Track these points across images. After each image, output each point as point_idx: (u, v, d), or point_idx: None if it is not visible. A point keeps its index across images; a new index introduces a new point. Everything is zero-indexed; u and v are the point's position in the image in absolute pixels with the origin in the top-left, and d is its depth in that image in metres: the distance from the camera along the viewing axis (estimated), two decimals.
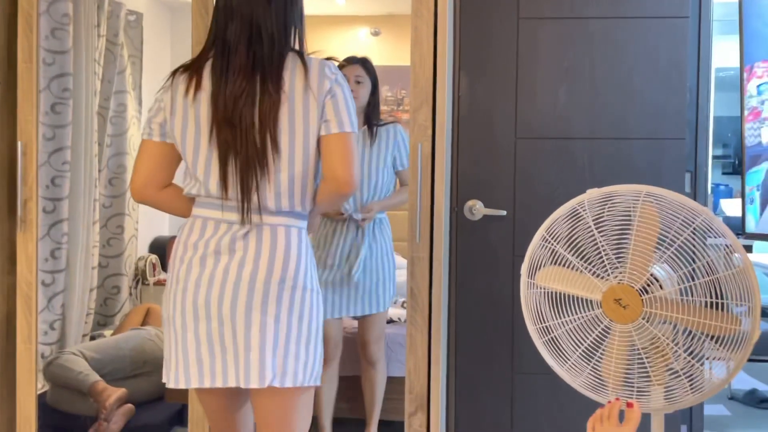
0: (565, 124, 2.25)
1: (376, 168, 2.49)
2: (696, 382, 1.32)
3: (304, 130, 1.45)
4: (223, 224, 1.47)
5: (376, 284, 2.51)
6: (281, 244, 1.46)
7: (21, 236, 2.24)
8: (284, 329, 1.44)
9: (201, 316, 1.44)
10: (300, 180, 1.47)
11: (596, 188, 1.37)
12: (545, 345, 1.42)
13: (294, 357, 1.45)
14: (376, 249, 2.50)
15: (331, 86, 1.47)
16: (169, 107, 1.50)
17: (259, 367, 1.42)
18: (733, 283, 1.27)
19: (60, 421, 2.49)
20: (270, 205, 1.46)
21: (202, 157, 1.48)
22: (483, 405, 2.31)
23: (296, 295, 1.46)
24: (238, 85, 1.44)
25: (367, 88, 2.52)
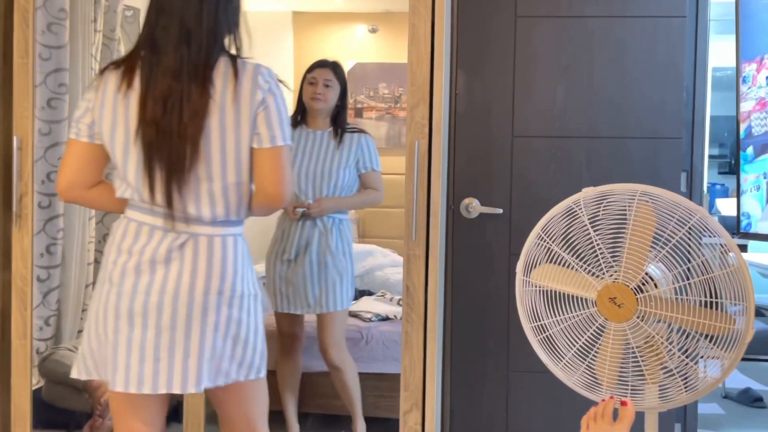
0: (562, 123, 2.25)
1: (338, 168, 2.50)
2: (690, 381, 1.33)
3: (236, 140, 1.43)
4: (157, 231, 1.46)
5: (331, 284, 2.51)
6: (218, 256, 1.46)
7: (16, 232, 2.24)
8: (222, 335, 1.47)
9: (137, 323, 1.44)
10: (235, 189, 1.46)
11: (592, 187, 1.37)
12: (540, 343, 1.43)
13: (229, 358, 1.48)
14: (333, 248, 2.51)
15: (264, 97, 1.44)
16: (98, 108, 1.47)
17: (197, 372, 1.44)
18: (727, 282, 1.27)
19: (55, 416, 2.48)
20: (204, 214, 1.45)
21: (132, 159, 1.45)
22: (478, 403, 2.32)
23: (234, 303, 1.48)
24: (166, 87, 1.41)
25: (336, 92, 2.55)
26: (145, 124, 1.42)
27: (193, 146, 1.40)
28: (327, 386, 2.67)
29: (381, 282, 3.41)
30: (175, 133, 1.40)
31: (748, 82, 2.06)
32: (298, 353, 2.64)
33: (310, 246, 2.48)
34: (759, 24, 2.08)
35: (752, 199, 2.08)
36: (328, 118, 2.56)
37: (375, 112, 4.02)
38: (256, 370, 1.54)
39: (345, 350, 2.56)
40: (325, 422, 2.82)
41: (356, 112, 3.99)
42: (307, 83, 2.56)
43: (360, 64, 3.93)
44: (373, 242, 3.80)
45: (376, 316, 2.93)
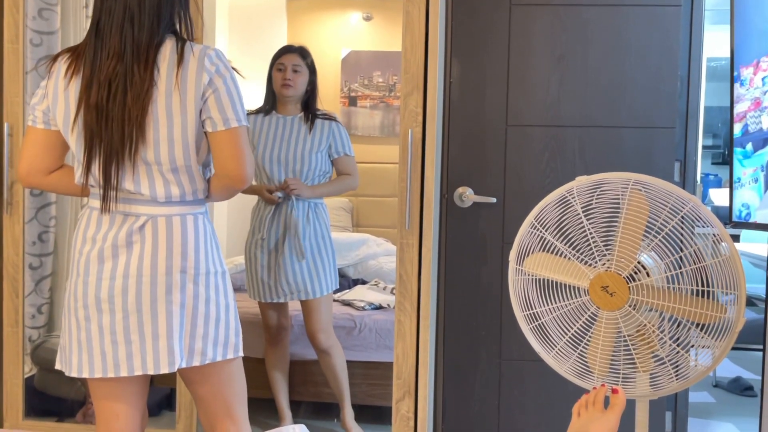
0: (556, 112, 2.25)
1: (309, 153, 2.49)
2: (681, 370, 1.33)
3: (182, 123, 1.43)
4: (118, 217, 1.47)
5: (312, 268, 2.51)
6: (177, 234, 1.47)
7: (7, 219, 2.23)
8: (190, 314, 1.48)
9: (104, 309, 1.46)
10: (185, 171, 1.47)
11: (585, 176, 1.37)
12: (532, 331, 1.43)
13: (201, 337, 1.49)
14: (311, 233, 2.50)
15: (211, 78, 1.43)
16: (51, 94, 1.47)
17: (168, 352, 1.45)
18: (719, 271, 1.28)
19: (47, 404, 2.48)
20: (159, 195, 1.46)
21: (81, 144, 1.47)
22: (470, 391, 2.33)
23: (200, 281, 1.48)
24: (111, 70, 1.41)
25: (305, 77, 2.55)
26: (87, 108, 1.42)
27: (139, 129, 1.40)
28: (318, 374, 2.68)
29: (374, 271, 3.40)
30: (118, 117, 1.40)
31: (746, 85, 2.07)
32: (286, 342, 2.64)
33: (288, 233, 2.48)
34: (751, 27, 2.08)
35: (751, 191, 2.10)
36: (298, 103, 2.55)
37: (369, 101, 4.00)
38: (233, 348, 1.54)
39: (333, 335, 2.57)
40: (316, 410, 2.82)
41: (350, 100, 3.97)
42: (276, 70, 2.55)
43: (354, 52, 3.91)
44: (367, 231, 3.80)
45: (369, 304, 2.93)
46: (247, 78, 1.57)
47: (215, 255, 1.54)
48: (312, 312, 2.53)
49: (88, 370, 1.48)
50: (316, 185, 2.53)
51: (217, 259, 1.54)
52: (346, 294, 3.05)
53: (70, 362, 1.51)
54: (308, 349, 2.66)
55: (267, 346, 2.63)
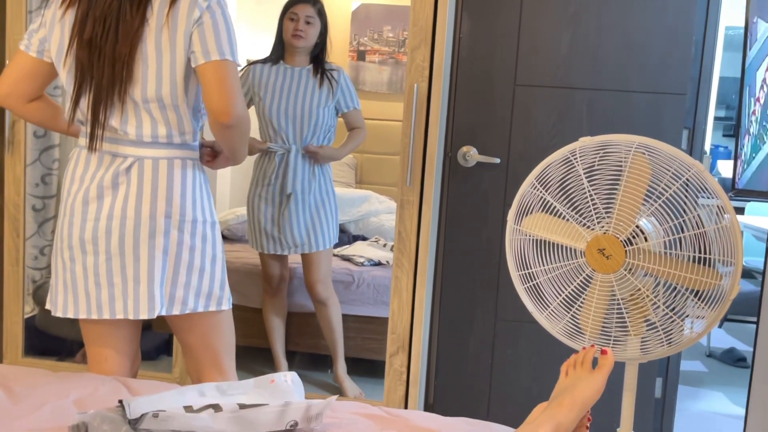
0: (566, 73, 2.21)
1: (318, 107, 2.48)
2: (672, 335, 1.34)
3: (171, 60, 1.41)
4: (106, 157, 1.46)
5: (316, 223, 2.52)
6: (163, 178, 1.45)
7: (9, 158, 2.23)
8: (173, 261, 1.47)
9: (88, 250, 1.46)
10: (174, 111, 1.44)
11: (589, 136, 1.35)
12: (527, 291, 1.43)
13: (183, 286, 1.48)
14: (315, 188, 2.51)
15: (201, 14, 1.40)
16: (49, 23, 1.46)
17: (148, 298, 1.46)
18: (717, 239, 1.27)
19: (48, 343, 2.52)
20: (145, 134, 1.44)
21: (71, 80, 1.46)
22: (464, 349, 2.35)
23: (185, 228, 1.47)
24: (107, 6, 1.39)
25: (317, 29, 2.51)
26: (80, 43, 1.41)
27: (127, 68, 1.39)
28: (314, 326, 2.71)
29: (375, 228, 3.41)
30: (109, 55, 1.39)
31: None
32: (284, 293, 2.68)
33: (294, 187, 2.48)
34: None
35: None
36: (308, 55, 2.52)
37: (378, 56, 3.94)
38: (216, 301, 1.53)
39: (330, 287, 2.61)
40: (311, 361, 2.87)
41: (359, 54, 3.91)
42: (288, 19, 2.50)
43: (364, 5, 3.83)
44: (370, 188, 3.79)
45: (368, 260, 2.95)
46: (256, 28, 1.55)
47: (205, 204, 1.52)
48: (312, 264, 2.55)
49: (73, 310, 1.50)
50: (340, 147, 2.54)
51: (207, 208, 1.52)
52: (346, 249, 3.07)
53: (56, 302, 1.52)
54: (306, 301, 2.68)
55: (265, 296, 2.66)
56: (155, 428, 1.16)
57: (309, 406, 1.25)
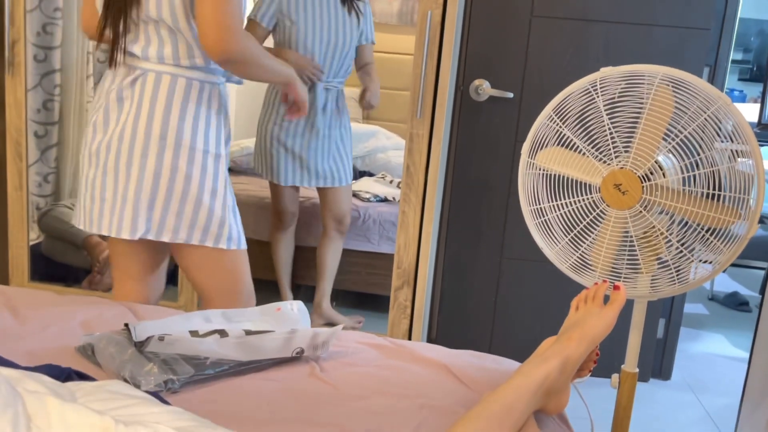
0: (585, 4, 2.12)
1: (350, 37, 2.39)
2: (683, 274, 1.32)
3: None
4: (119, 71, 1.46)
5: (343, 156, 2.49)
6: (163, 94, 1.42)
7: (10, 80, 2.17)
8: (165, 186, 1.43)
9: (92, 163, 1.46)
10: (179, 34, 1.41)
11: (611, 67, 1.29)
12: (537, 227, 1.41)
13: (175, 214, 1.45)
14: (341, 119, 2.46)
15: None
16: None
17: (132, 219, 1.44)
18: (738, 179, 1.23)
19: (54, 270, 2.53)
20: (151, 54, 1.42)
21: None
22: (469, 285, 2.35)
23: (181, 154, 1.42)
24: None
25: None
26: None
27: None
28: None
29: (382, 164, 3.37)
30: None
31: None
32: (293, 226, 2.66)
33: (323, 120, 2.42)
34: None
35: None
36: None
37: None
38: (213, 238, 1.48)
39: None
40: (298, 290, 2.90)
41: None
42: None
43: None
44: (378, 124, 3.73)
45: (374, 196, 2.92)
46: None
47: (210, 132, 1.46)
48: (338, 198, 2.53)
49: (76, 219, 1.53)
50: (377, 84, 2.46)
51: (213, 137, 1.47)
52: (353, 185, 3.04)
53: (76, 210, 1.55)
54: (312, 236, 2.68)
55: (273, 230, 2.65)
56: (161, 351, 1.16)
57: (315, 334, 1.25)
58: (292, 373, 1.21)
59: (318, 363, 1.25)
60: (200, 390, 1.12)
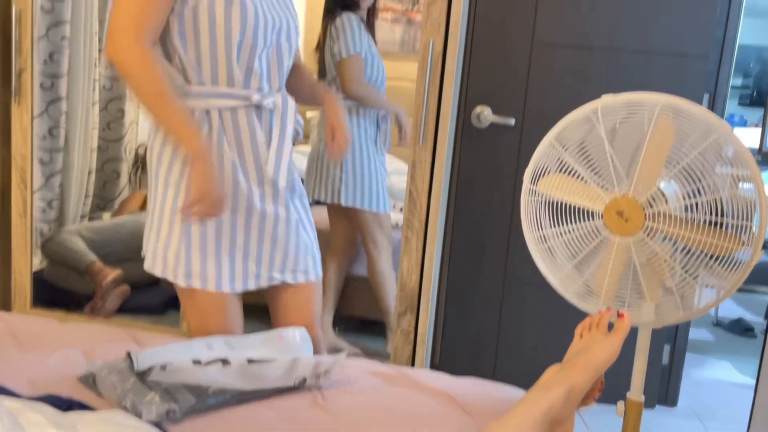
0: (586, 32, 2.14)
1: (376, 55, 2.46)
2: (687, 301, 1.31)
3: None
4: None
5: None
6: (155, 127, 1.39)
7: (16, 108, 2.19)
8: (149, 207, 1.40)
9: None
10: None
11: (612, 94, 1.30)
12: (541, 254, 1.40)
13: (151, 243, 1.38)
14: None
15: None
16: None
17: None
18: (741, 205, 1.23)
19: (57, 296, 2.52)
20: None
21: None
22: (473, 310, 2.34)
23: (151, 179, 1.37)
24: None
25: None
26: None
27: None
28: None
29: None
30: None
31: None
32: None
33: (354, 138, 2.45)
34: None
35: None
36: (364, 10, 2.52)
37: (391, 14, 3.84)
38: (173, 272, 1.34)
39: None
40: None
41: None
42: None
43: None
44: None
45: None
46: None
47: (175, 159, 1.33)
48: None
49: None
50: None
51: (178, 164, 1.33)
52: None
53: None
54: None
55: None
56: (163, 380, 1.15)
57: (317, 362, 1.24)
58: (295, 402, 1.20)
59: (320, 392, 1.24)
60: (202, 419, 1.12)
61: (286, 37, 1.39)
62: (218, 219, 1.33)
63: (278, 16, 1.37)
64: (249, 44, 1.31)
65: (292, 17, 1.42)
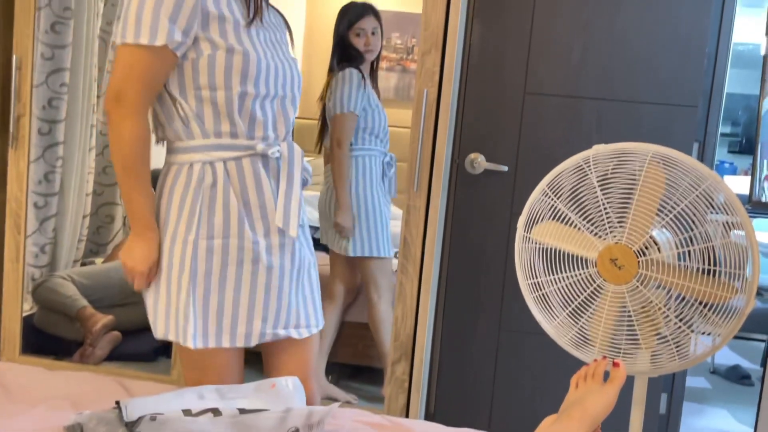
0: (577, 82, 2.19)
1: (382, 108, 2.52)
2: (683, 349, 1.31)
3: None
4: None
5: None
6: (159, 181, 1.39)
7: (13, 153, 2.21)
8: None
9: None
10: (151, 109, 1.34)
11: (603, 144, 1.33)
12: (535, 301, 1.40)
13: (152, 303, 1.36)
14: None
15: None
16: None
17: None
18: (733, 253, 1.24)
19: (46, 342, 2.49)
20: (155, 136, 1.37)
21: None
22: (467, 358, 2.32)
23: (166, 239, 1.34)
24: None
25: (380, 37, 2.52)
26: None
27: None
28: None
29: None
30: None
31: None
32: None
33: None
34: None
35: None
36: (368, 63, 2.55)
37: (386, 62, 3.91)
38: (174, 332, 1.33)
39: None
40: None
41: None
42: (354, 34, 2.49)
43: None
44: None
45: None
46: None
47: (181, 216, 1.33)
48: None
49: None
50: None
51: (184, 222, 1.32)
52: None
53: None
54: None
55: None
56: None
57: (310, 412, 1.22)
58: None
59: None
60: None
61: (289, 85, 1.40)
62: (223, 274, 1.32)
63: (280, 64, 1.37)
64: (251, 94, 1.31)
65: (294, 65, 1.43)
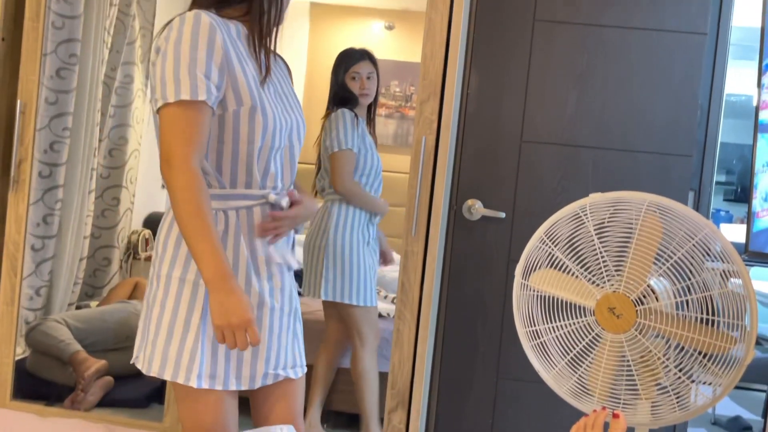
0: (572, 131, 2.22)
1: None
2: (683, 400, 1.29)
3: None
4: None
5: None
6: (161, 225, 1.41)
7: (12, 196, 2.22)
8: (144, 315, 1.38)
9: None
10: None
11: (600, 193, 1.34)
12: (533, 349, 1.39)
13: (151, 343, 1.35)
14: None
15: (158, 47, 1.29)
16: None
17: (136, 346, 1.41)
18: (731, 303, 1.24)
19: (38, 387, 2.45)
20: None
21: None
22: (465, 407, 2.28)
23: (160, 284, 1.35)
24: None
25: (375, 81, 2.56)
26: None
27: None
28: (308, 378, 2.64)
29: (377, 279, 3.38)
30: None
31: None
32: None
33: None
34: None
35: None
36: (364, 108, 2.59)
37: (385, 110, 3.99)
38: (174, 369, 1.32)
39: None
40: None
41: None
42: (350, 78, 2.54)
43: None
44: None
45: None
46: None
47: (187, 261, 1.34)
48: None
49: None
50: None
51: (185, 265, 1.33)
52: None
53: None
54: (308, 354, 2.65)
55: None
56: None
57: None
58: None
59: None
60: None
61: (297, 136, 1.45)
62: None
63: (290, 116, 1.42)
64: (267, 147, 1.36)
65: (301, 115, 1.48)
